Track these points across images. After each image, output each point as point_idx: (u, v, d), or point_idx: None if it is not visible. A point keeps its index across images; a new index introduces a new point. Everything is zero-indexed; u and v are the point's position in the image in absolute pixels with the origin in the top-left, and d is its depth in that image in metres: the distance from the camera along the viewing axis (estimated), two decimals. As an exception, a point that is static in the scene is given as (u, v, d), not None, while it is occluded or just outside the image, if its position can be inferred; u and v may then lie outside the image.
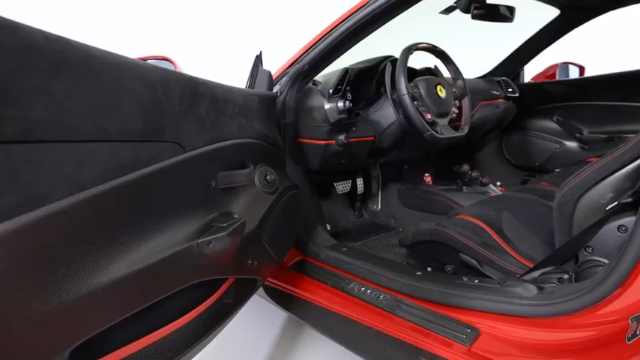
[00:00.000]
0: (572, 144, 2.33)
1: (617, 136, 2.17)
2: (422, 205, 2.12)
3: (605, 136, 2.20)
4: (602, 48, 3.46)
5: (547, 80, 2.67)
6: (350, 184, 2.23)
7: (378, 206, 2.32)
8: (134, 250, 0.76)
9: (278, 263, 1.31)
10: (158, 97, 0.80)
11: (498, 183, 2.34)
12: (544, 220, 1.40)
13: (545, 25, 2.24)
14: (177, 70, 1.42)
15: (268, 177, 1.21)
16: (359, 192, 2.27)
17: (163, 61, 1.50)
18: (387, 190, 2.30)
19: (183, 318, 0.95)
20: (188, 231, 0.90)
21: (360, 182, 2.26)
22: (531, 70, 2.72)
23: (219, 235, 0.92)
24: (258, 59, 1.38)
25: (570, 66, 2.80)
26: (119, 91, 0.72)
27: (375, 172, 2.31)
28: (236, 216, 1.06)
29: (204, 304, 1.00)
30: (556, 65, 2.73)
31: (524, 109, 2.46)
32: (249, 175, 1.10)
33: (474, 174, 2.09)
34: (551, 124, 2.40)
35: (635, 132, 2.05)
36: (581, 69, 2.79)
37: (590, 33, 2.29)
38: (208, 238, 0.90)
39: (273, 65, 1.55)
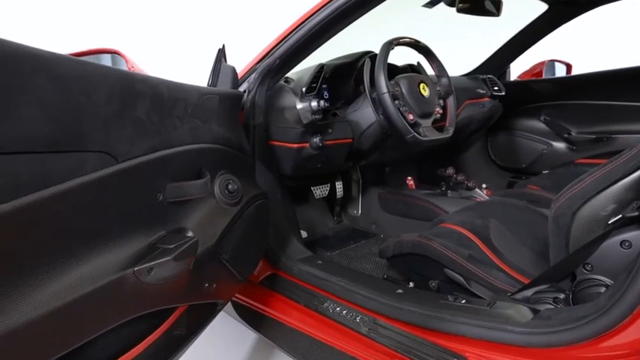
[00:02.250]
0: (560, 144, 2.24)
1: (606, 136, 2.08)
2: (404, 210, 2.01)
3: (594, 136, 2.12)
4: (588, 45, 3.39)
5: (534, 78, 2.57)
6: (328, 188, 2.10)
7: (358, 211, 2.20)
8: (46, 286, 0.62)
9: (243, 282, 1.18)
10: (73, 97, 0.65)
11: (484, 185, 2.25)
12: (534, 228, 1.32)
13: (533, 21, 2.14)
14: (129, 65, 1.27)
15: (230, 186, 1.07)
16: (338, 196, 2.15)
17: (112, 55, 1.34)
18: (368, 194, 2.18)
19: (121, 359, 0.80)
20: (125, 256, 0.76)
21: (339, 186, 2.14)
22: (517, 68, 2.63)
23: (162, 260, 0.77)
24: (221, 53, 1.24)
25: (557, 64, 2.72)
26: (9, 90, 0.56)
27: (355, 175, 2.19)
28: (189, 234, 0.92)
29: (147, 339, 0.85)
30: (542, 63, 2.64)
31: (511, 108, 2.36)
32: (205, 185, 0.96)
33: (459, 177, 1.98)
34: (538, 124, 2.31)
35: (626, 132, 2.03)
36: (568, 67, 2.71)
37: (576, 30, 2.21)
38: (148, 264, 0.76)
39: (241, 61, 1.42)
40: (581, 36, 3.04)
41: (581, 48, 3.23)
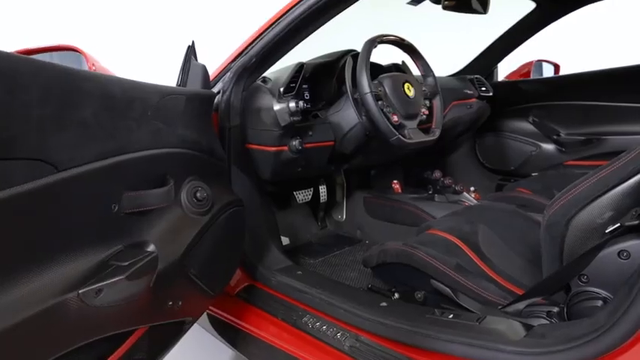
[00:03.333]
0: (548, 146, 2.19)
1: (595, 137, 2.04)
2: (390, 215, 1.95)
3: (583, 137, 2.07)
4: (576, 45, 3.36)
5: (522, 79, 2.53)
6: (311, 193, 2.03)
7: (342, 216, 2.13)
8: None
9: (214, 297, 1.09)
10: None
11: (472, 188, 2.19)
12: (525, 234, 1.26)
13: (521, 20, 2.09)
14: (89, 63, 1.18)
15: (199, 194, 0.99)
16: (322, 201, 2.08)
17: (69, 52, 1.24)
18: (353, 199, 2.11)
19: None
20: (69, 276, 0.67)
21: (322, 190, 2.06)
22: (505, 69, 2.58)
23: (113, 279, 0.69)
24: (191, 51, 1.15)
25: (544, 64, 2.69)
26: None
27: (339, 179, 2.11)
28: (150, 247, 0.83)
29: (100, 367, 0.76)
30: (530, 63, 2.60)
31: (499, 109, 2.30)
32: (167, 194, 0.87)
33: (447, 181, 1.91)
34: (526, 125, 2.25)
35: (615, 133, 1.98)
36: (556, 67, 2.67)
37: (564, 29, 2.17)
38: (96, 285, 0.67)
39: (215, 59, 1.34)
40: (570, 36, 3.01)
41: (569, 48, 3.20)
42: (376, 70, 1.60)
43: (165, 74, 1.29)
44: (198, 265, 0.99)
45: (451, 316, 0.99)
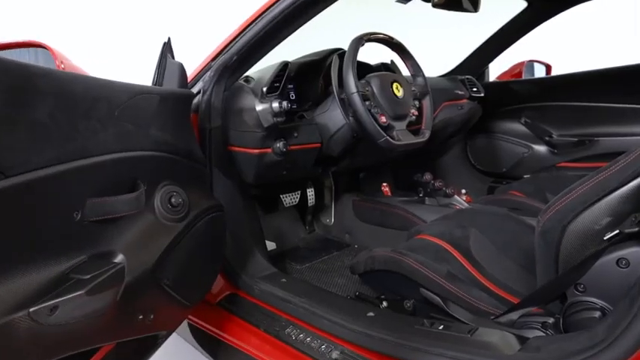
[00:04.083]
0: (541, 148, 2.15)
1: (588, 139, 2.00)
2: (380, 218, 1.90)
3: (575, 139, 2.04)
4: (568, 45, 3.35)
5: (513, 79, 2.49)
6: (299, 196, 1.97)
7: (331, 220, 2.08)
8: None
9: (191, 308, 1.03)
10: None
11: (463, 191, 2.15)
12: (517, 239, 1.22)
13: (512, 19, 2.05)
14: (58, 61, 1.11)
15: (174, 199, 0.93)
16: (309, 204, 2.02)
17: (37, 49, 1.17)
18: (341, 202, 2.06)
19: None
20: (19, 292, 0.61)
21: (310, 193, 2.01)
22: (496, 70, 2.55)
23: (70, 295, 0.63)
24: (167, 48, 1.09)
25: (536, 64, 2.66)
26: None
27: (327, 182, 2.06)
28: (118, 258, 0.77)
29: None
30: (522, 63, 2.57)
31: (490, 110, 2.27)
32: (137, 199, 0.81)
33: (437, 184, 1.87)
34: (518, 127, 2.22)
35: (608, 134, 1.95)
36: (548, 67, 2.65)
37: (554, 29, 2.14)
38: (51, 302, 0.61)
39: (194, 57, 1.28)
40: (562, 35, 2.99)
41: (561, 48, 3.18)
42: (364, 69, 1.55)
43: (144, 73, 1.23)
44: (173, 275, 0.93)
45: (441, 327, 0.95)
